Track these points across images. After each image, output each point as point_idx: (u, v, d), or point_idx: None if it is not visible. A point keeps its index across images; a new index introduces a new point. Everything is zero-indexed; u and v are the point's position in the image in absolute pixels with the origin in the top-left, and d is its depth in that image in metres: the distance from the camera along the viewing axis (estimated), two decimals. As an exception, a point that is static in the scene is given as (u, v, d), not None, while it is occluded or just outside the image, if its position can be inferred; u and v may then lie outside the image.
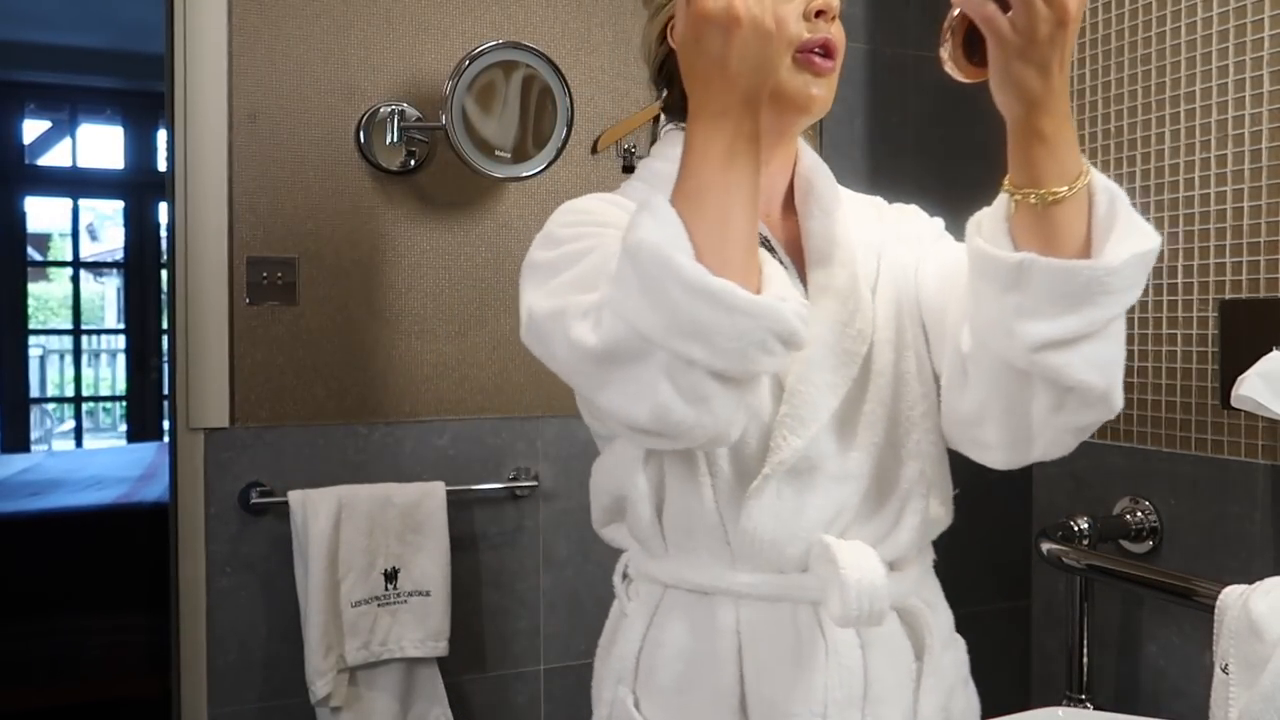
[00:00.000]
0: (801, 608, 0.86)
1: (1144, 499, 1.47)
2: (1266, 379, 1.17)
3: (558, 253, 0.82)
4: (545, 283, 0.81)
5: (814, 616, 0.86)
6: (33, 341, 5.66)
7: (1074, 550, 1.41)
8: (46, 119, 5.38)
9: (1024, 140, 0.70)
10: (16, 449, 5.20)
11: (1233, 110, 1.34)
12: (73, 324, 5.75)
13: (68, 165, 5.43)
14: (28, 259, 5.52)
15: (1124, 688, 1.53)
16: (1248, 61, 1.32)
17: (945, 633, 0.95)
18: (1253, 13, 1.32)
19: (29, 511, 3.03)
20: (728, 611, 0.87)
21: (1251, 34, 1.32)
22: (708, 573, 0.88)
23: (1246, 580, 1.09)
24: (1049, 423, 0.77)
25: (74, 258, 5.66)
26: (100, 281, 6.63)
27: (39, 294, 6.00)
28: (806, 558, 0.85)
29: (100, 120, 5.47)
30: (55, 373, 6.22)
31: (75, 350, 5.85)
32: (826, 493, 0.85)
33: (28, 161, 5.35)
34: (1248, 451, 1.33)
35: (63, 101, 5.26)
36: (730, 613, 0.87)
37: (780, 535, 0.84)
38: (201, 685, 1.64)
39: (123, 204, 5.57)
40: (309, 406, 1.70)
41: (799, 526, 0.85)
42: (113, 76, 5.00)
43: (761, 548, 0.85)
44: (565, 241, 0.83)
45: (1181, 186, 1.42)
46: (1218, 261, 1.36)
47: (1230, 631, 1.06)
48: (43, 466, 4.08)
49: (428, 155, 1.77)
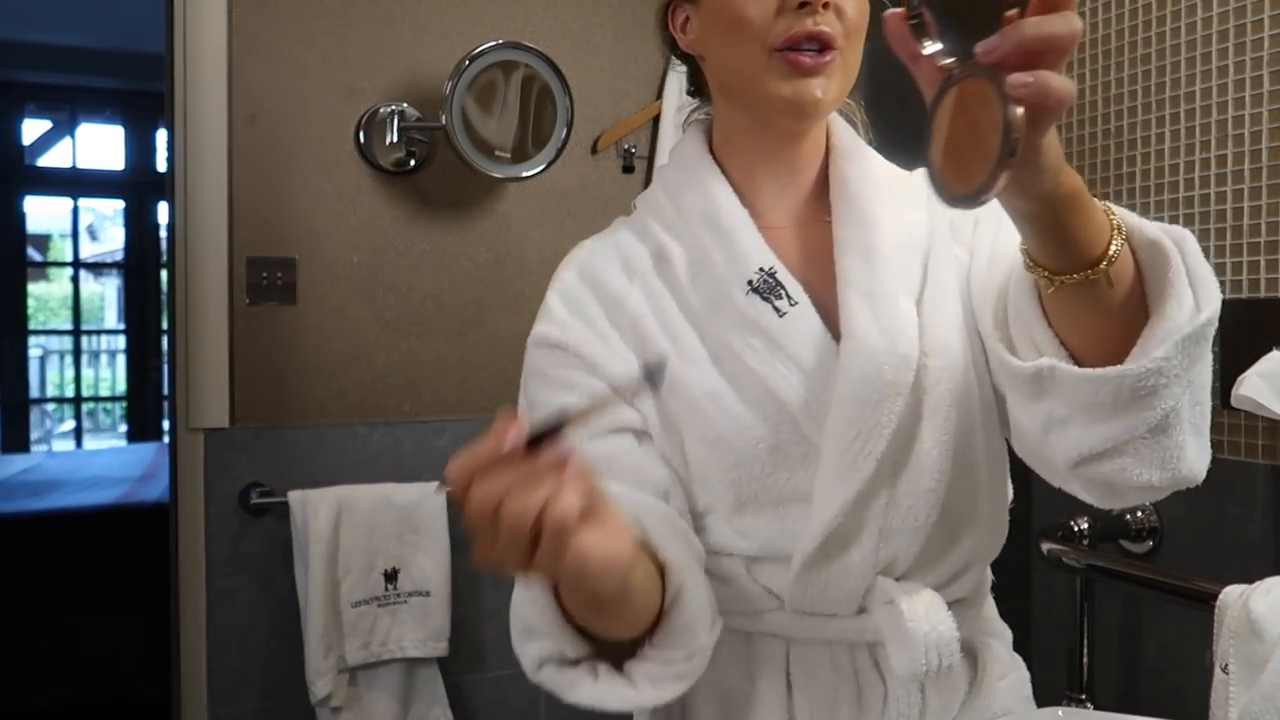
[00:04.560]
0: (859, 650, 0.80)
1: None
2: (1267, 379, 1.17)
3: (539, 380, 0.82)
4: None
5: (871, 659, 0.80)
6: (33, 342, 5.66)
7: (1074, 550, 1.41)
8: (46, 119, 5.38)
9: (1047, 225, 0.58)
10: (16, 449, 5.20)
11: (1233, 110, 1.34)
12: (73, 324, 5.75)
13: (68, 165, 5.43)
14: (28, 259, 5.52)
15: (1124, 688, 1.53)
16: (1248, 61, 1.32)
17: (1004, 659, 0.88)
18: (1253, 13, 1.32)
19: (29, 511, 3.03)
20: (777, 651, 0.81)
21: (1251, 34, 1.32)
22: (753, 613, 0.81)
23: (1246, 580, 1.09)
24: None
25: (74, 258, 5.65)
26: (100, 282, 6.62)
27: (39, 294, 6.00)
28: (864, 599, 0.78)
29: (100, 120, 5.47)
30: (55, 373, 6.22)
31: (75, 350, 5.85)
32: (879, 549, 0.77)
33: (28, 161, 5.35)
34: (1248, 451, 1.33)
35: (63, 101, 5.26)
36: (780, 653, 0.81)
37: (831, 589, 0.77)
38: (201, 685, 1.64)
39: (123, 204, 5.57)
40: (309, 406, 1.70)
41: (849, 580, 0.77)
42: (113, 76, 5.00)
43: (812, 599, 0.78)
44: (547, 369, 0.82)
45: (1181, 186, 1.42)
46: (1218, 261, 1.36)
47: (1230, 631, 1.06)
48: (43, 467, 4.08)
49: (428, 155, 1.77)
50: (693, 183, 0.85)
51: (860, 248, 0.80)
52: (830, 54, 0.77)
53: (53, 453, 5.39)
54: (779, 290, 0.79)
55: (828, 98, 0.78)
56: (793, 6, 0.76)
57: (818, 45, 0.76)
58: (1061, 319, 0.65)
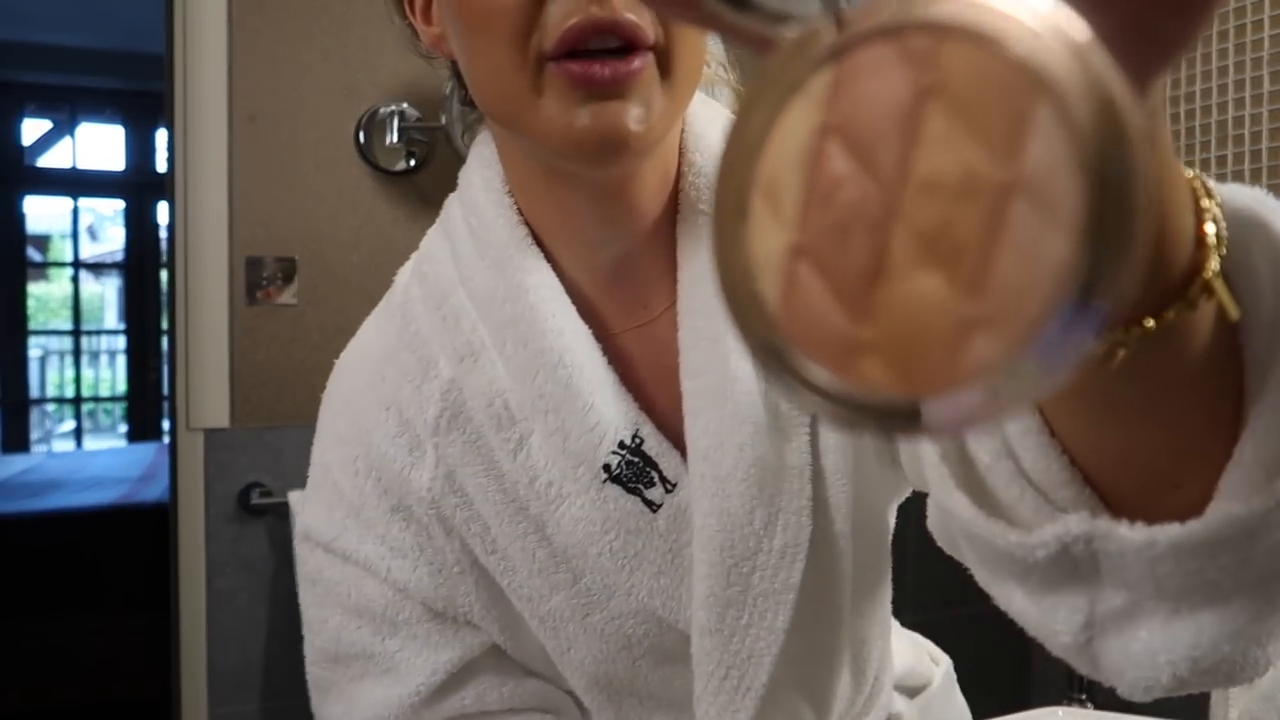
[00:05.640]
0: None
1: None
2: (1267, 379, 1.17)
3: (314, 589, 0.64)
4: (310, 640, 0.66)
5: None
6: (33, 342, 5.66)
7: (1074, 550, 1.41)
8: (46, 119, 5.38)
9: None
10: (16, 449, 5.20)
11: (1233, 110, 1.34)
12: (73, 324, 5.75)
13: (68, 165, 5.43)
14: (28, 259, 5.52)
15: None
16: (1248, 61, 1.32)
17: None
18: (1253, 13, 1.32)
19: (29, 511, 3.03)
20: None
21: (1251, 34, 1.32)
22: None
23: (1247, 580, 1.10)
24: None
25: (74, 258, 5.65)
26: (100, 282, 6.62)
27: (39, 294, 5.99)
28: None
29: (100, 120, 5.46)
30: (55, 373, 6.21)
31: (75, 351, 5.84)
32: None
33: (28, 162, 5.35)
34: (1248, 451, 1.33)
35: (63, 101, 5.26)
36: None
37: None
38: (201, 685, 1.64)
39: (123, 204, 5.56)
40: (309, 406, 1.69)
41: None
42: (113, 76, 4.99)
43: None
44: (322, 571, 0.63)
45: (1181, 186, 1.42)
46: (1218, 261, 1.36)
47: (1230, 631, 1.06)
48: (43, 467, 4.08)
49: (428, 155, 1.77)
50: (496, 266, 0.56)
51: (713, 353, 0.54)
52: (639, 57, 0.48)
53: (53, 453, 5.38)
54: (649, 473, 0.55)
55: (650, 126, 0.49)
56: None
57: (617, 42, 0.47)
58: (1078, 418, 0.32)
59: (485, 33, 0.49)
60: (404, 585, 0.60)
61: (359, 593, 0.61)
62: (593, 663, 0.59)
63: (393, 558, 0.59)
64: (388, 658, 0.61)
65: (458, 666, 0.61)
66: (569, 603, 0.57)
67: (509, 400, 0.56)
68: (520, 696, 0.63)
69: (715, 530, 0.53)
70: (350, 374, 0.64)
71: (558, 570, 0.57)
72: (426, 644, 0.60)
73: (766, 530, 0.54)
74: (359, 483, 0.60)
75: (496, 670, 0.63)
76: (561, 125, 0.48)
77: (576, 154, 0.50)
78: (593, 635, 0.58)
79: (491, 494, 0.57)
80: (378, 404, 0.60)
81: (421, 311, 0.60)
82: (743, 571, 0.54)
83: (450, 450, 0.57)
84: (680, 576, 0.56)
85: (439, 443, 0.57)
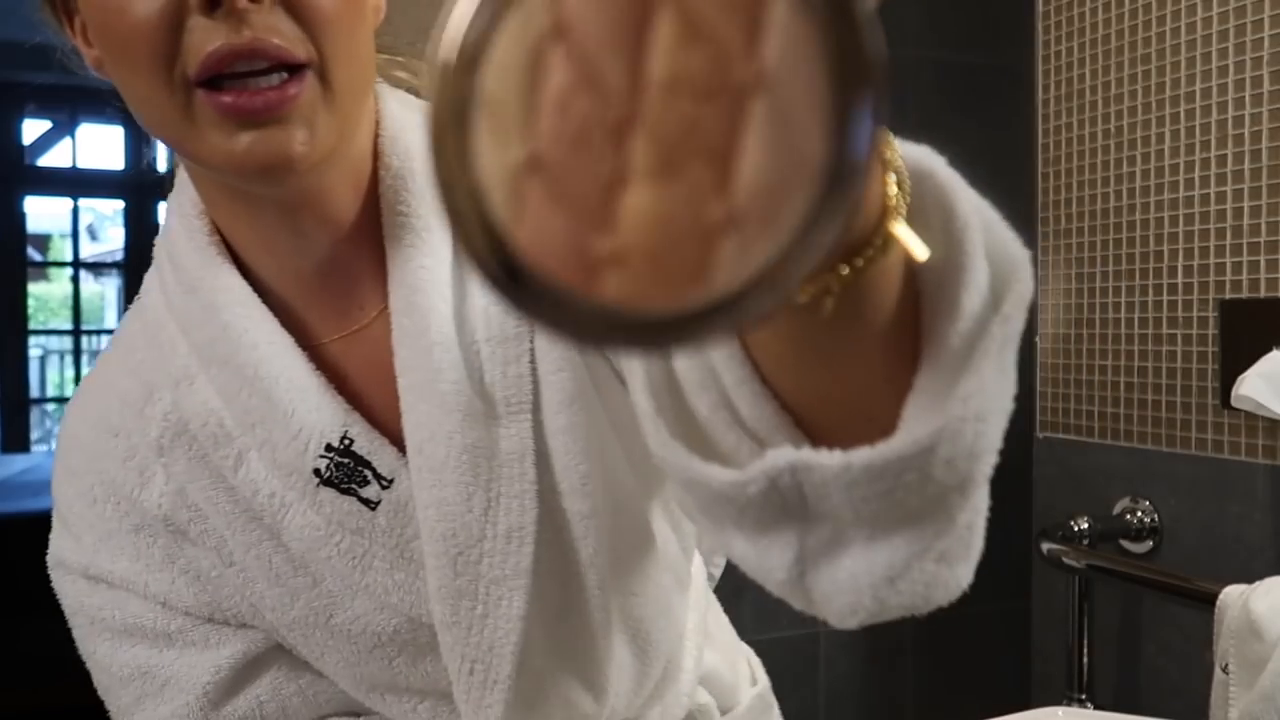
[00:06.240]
0: None
1: (1144, 499, 1.47)
2: (1267, 379, 1.17)
3: (77, 619, 0.64)
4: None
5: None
6: (33, 341, 5.66)
7: (1074, 550, 1.41)
8: (46, 119, 5.38)
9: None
10: (16, 449, 5.20)
11: (1233, 110, 1.35)
12: (73, 324, 5.75)
13: (68, 165, 5.43)
14: (28, 259, 5.52)
15: (1124, 688, 1.53)
16: (1248, 61, 1.33)
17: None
18: (1253, 13, 1.32)
19: (29, 511, 3.03)
20: None
21: (1251, 34, 1.32)
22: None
23: (1246, 580, 1.09)
24: None
25: (74, 258, 5.65)
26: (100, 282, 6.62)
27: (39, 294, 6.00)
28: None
29: (100, 120, 5.47)
30: (55, 373, 6.22)
31: (75, 350, 5.84)
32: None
33: (28, 161, 5.35)
34: (1248, 451, 1.33)
35: (63, 101, 5.26)
36: None
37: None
38: (201, 685, 1.64)
39: (123, 204, 5.57)
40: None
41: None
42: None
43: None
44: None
45: (1181, 186, 1.42)
46: (1218, 261, 1.36)
47: (1230, 631, 1.06)
48: (43, 466, 4.08)
49: (428, 155, 1.76)
50: (191, 290, 0.57)
51: (419, 332, 0.54)
52: (295, 82, 0.46)
53: (53, 453, 5.38)
54: (361, 471, 0.55)
55: (314, 146, 0.48)
56: (197, 5, 0.45)
57: (266, 64, 0.46)
58: (789, 365, 0.34)
59: (128, 60, 0.48)
60: (165, 598, 0.60)
61: (124, 613, 0.61)
62: (347, 665, 0.60)
63: (149, 573, 0.60)
64: (166, 668, 0.61)
65: (242, 662, 0.61)
66: (311, 606, 0.58)
67: (223, 419, 0.56)
68: (321, 693, 0.63)
69: (436, 520, 0.55)
70: (79, 408, 0.63)
71: (296, 575, 0.58)
72: (205, 645, 0.61)
73: (488, 516, 0.55)
74: (100, 509, 0.60)
75: (291, 664, 0.62)
76: (223, 151, 0.48)
77: (243, 178, 0.50)
78: (341, 638, 0.59)
79: (223, 506, 0.58)
80: (107, 432, 0.60)
81: (141, 344, 0.60)
82: (470, 560, 0.55)
83: (177, 468, 0.58)
84: (415, 570, 0.57)
85: (166, 462, 0.58)
